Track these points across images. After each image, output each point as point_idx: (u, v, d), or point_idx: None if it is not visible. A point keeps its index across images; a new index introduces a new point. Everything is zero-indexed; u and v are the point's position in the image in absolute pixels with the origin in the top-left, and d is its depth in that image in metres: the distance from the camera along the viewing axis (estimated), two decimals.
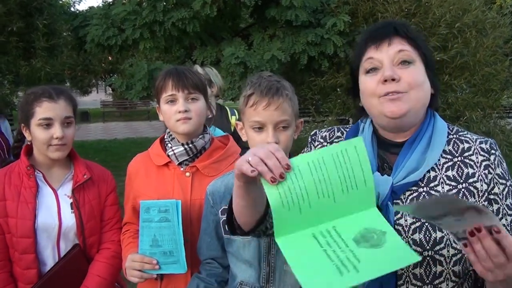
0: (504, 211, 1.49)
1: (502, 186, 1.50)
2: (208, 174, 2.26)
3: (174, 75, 2.21)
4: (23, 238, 2.24)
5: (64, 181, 2.39)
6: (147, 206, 2.14)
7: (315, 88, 9.35)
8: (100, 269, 2.36)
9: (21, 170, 2.31)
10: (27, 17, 10.09)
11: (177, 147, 2.26)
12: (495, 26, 8.90)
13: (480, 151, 1.53)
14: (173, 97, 2.20)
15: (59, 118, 2.27)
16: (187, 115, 2.19)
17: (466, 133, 1.62)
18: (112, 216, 2.48)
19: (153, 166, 2.34)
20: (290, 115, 1.90)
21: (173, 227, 2.09)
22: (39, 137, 2.26)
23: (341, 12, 8.53)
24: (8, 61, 9.82)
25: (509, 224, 1.48)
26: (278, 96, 1.85)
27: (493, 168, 1.51)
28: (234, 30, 10.04)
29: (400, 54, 1.53)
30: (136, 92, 8.81)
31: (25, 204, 2.25)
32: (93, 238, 2.39)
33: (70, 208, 2.34)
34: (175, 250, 2.10)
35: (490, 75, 8.71)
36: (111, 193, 2.51)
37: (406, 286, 1.47)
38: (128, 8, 8.59)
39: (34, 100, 2.28)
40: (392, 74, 1.49)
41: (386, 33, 1.56)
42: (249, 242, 1.97)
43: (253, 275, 1.96)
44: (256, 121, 1.88)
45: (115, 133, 21.14)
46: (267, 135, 1.87)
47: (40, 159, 2.35)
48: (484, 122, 8.86)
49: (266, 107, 1.84)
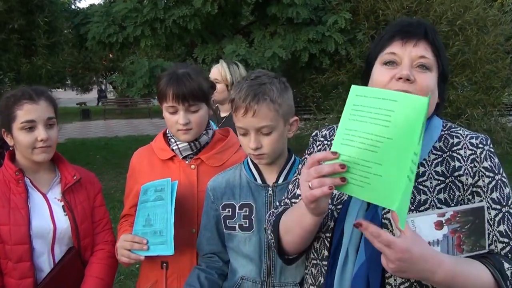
0: (488, 205, 1.48)
1: (488, 179, 1.50)
2: (213, 164, 2.28)
3: (174, 85, 2.18)
4: (17, 245, 2.14)
5: (52, 184, 2.31)
6: (146, 188, 2.16)
7: (316, 86, 9.36)
8: (97, 270, 2.33)
9: (7, 177, 2.21)
10: (28, 14, 10.11)
11: (181, 142, 2.28)
12: (496, 24, 8.90)
13: (469, 146, 1.54)
14: (174, 108, 2.20)
15: (42, 119, 2.19)
16: (188, 127, 2.21)
17: (459, 129, 1.63)
18: (102, 217, 2.44)
19: (157, 160, 2.34)
20: (273, 118, 1.87)
21: (166, 205, 2.07)
22: (23, 141, 2.17)
23: (342, 10, 8.55)
24: (9, 58, 9.85)
25: (492, 218, 1.48)
26: (255, 102, 1.83)
27: (478, 162, 1.51)
28: (235, 27, 10.06)
29: (422, 59, 1.54)
30: (137, 90, 8.83)
31: (17, 210, 2.16)
32: (87, 240, 2.34)
33: (63, 211, 2.28)
34: (164, 230, 2.06)
35: (491, 73, 8.72)
36: (98, 194, 2.46)
37: (393, 278, 1.48)
38: (129, 6, 8.60)
39: (14, 103, 2.18)
40: (409, 74, 1.50)
41: (416, 33, 1.57)
42: (250, 237, 1.98)
43: (254, 269, 1.96)
44: (239, 127, 1.91)
45: (116, 130, 21.13)
46: (249, 140, 1.89)
47: (25, 164, 2.26)
48: (485, 120, 8.86)
49: (244, 115, 1.85)
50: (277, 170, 2.03)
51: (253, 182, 2.03)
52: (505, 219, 1.48)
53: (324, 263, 1.64)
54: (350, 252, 1.54)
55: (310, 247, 1.72)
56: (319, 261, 1.67)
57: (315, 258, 1.69)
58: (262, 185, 2.02)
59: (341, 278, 1.54)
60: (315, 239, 1.68)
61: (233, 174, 2.10)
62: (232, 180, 2.08)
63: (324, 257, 1.64)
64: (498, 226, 1.47)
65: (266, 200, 2.00)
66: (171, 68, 2.30)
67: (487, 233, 1.44)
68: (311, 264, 1.72)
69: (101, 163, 12.11)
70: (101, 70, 33.04)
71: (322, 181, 1.30)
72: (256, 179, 2.03)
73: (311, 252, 1.72)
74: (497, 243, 1.47)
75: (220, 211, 2.06)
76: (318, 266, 1.67)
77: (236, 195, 2.04)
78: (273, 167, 2.03)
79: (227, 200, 2.05)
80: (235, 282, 2.03)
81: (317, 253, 1.68)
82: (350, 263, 1.53)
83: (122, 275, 2.36)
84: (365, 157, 1.26)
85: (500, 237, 1.47)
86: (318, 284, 1.67)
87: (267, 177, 2.03)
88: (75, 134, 19.15)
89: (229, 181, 2.08)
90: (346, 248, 1.54)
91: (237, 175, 2.09)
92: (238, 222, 2.01)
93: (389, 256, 1.27)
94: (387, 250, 1.26)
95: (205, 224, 2.11)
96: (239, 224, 2.01)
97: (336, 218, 1.60)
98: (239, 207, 2.02)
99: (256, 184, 2.03)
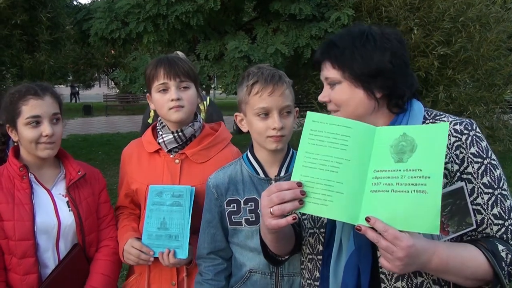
0: (480, 190, 1.50)
1: (477, 165, 1.51)
2: (197, 160, 2.29)
3: (165, 63, 2.23)
4: (22, 241, 2.14)
5: (57, 180, 2.31)
6: (160, 190, 2.19)
7: (318, 83, 9.35)
8: (103, 266, 2.33)
9: (11, 173, 2.21)
10: (31, 10, 10.11)
11: (166, 135, 2.29)
12: (499, 21, 8.89)
13: (453, 133, 1.55)
14: (165, 85, 2.21)
15: (47, 115, 2.19)
16: (180, 103, 2.21)
17: (444, 116, 1.64)
18: (107, 213, 2.44)
19: (145, 153, 2.37)
20: (292, 101, 1.98)
21: (184, 211, 2.15)
22: (28, 136, 2.16)
23: (345, 6, 8.54)
24: (12, 54, 9.85)
25: (485, 202, 1.49)
26: (282, 82, 1.93)
27: (464, 148, 1.52)
28: (238, 23, 10.06)
29: (327, 80, 1.67)
30: (139, 86, 8.84)
31: (21, 205, 2.16)
32: (91, 236, 2.34)
33: (67, 207, 2.27)
34: (180, 235, 2.15)
35: (494, 70, 8.72)
36: (103, 190, 2.47)
37: None
38: (131, 2, 8.59)
39: (20, 98, 2.18)
40: (325, 95, 1.68)
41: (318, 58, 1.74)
42: (257, 231, 1.98)
43: (263, 261, 1.97)
44: (262, 107, 1.92)
45: (118, 126, 21.18)
46: (273, 120, 1.92)
47: (29, 160, 2.26)
48: (487, 117, 8.86)
49: (271, 93, 1.90)
50: (278, 163, 2.05)
51: (255, 176, 2.05)
52: (498, 201, 1.50)
53: (319, 257, 1.68)
54: (344, 242, 1.57)
55: (305, 243, 1.76)
56: (314, 256, 1.71)
57: (311, 253, 1.73)
58: (265, 179, 2.03)
59: (335, 268, 1.58)
60: (309, 235, 1.73)
61: (234, 169, 2.11)
62: (234, 175, 2.09)
63: (319, 251, 1.68)
64: (492, 210, 1.49)
65: None
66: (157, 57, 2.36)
67: (471, 210, 1.47)
68: (307, 259, 1.76)
69: (103, 159, 12.15)
70: (103, 66, 33.04)
71: (283, 208, 1.39)
72: (258, 172, 2.05)
73: (306, 248, 1.76)
74: (492, 226, 1.49)
75: (225, 207, 2.07)
76: (313, 260, 1.71)
77: (240, 190, 2.05)
78: (274, 160, 2.05)
79: (232, 196, 2.06)
80: (242, 275, 2.05)
81: (312, 248, 1.72)
82: (344, 254, 1.57)
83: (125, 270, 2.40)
84: (327, 177, 1.40)
85: (495, 219, 1.49)
86: (313, 278, 1.71)
87: (268, 171, 2.05)
88: (77, 130, 19.19)
89: (231, 176, 2.09)
90: (339, 239, 1.58)
91: (238, 170, 2.10)
92: (244, 217, 2.02)
93: (396, 254, 1.28)
94: (394, 248, 1.28)
95: (209, 221, 2.11)
96: (245, 219, 2.02)
97: None
98: (244, 202, 2.03)
99: (259, 178, 2.04)
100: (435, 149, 1.32)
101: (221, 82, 8.82)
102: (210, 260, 2.11)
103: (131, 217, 2.43)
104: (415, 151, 1.34)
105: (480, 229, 1.49)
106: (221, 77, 8.98)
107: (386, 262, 1.32)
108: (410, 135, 1.37)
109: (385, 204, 1.33)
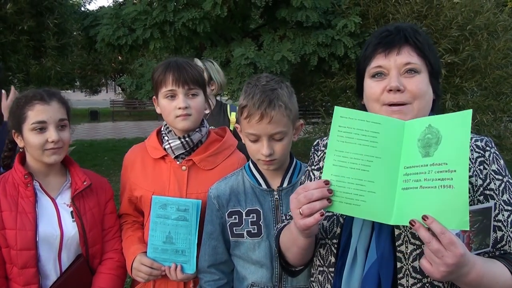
0: (501, 207, 1.49)
1: (498, 182, 1.51)
2: (204, 167, 2.23)
3: (174, 69, 2.17)
4: (23, 250, 2.09)
5: (62, 189, 2.26)
6: (164, 202, 2.13)
7: (325, 90, 9.33)
8: (106, 281, 2.27)
9: (16, 180, 2.17)
10: (38, 16, 10.18)
11: (173, 140, 2.23)
12: (506, 29, 8.83)
13: (475, 148, 1.54)
14: (173, 92, 2.16)
15: (53, 121, 2.15)
16: (187, 111, 2.16)
17: None
18: (112, 225, 2.38)
19: (149, 158, 2.30)
20: (286, 124, 1.87)
21: (190, 227, 2.10)
22: (33, 142, 2.13)
23: (352, 13, 8.51)
24: (19, 60, 9.91)
25: (505, 219, 1.48)
26: (271, 109, 1.82)
27: (488, 164, 1.52)
28: (244, 30, 10.04)
29: (408, 65, 1.54)
30: (146, 92, 8.84)
31: (24, 214, 2.12)
32: (95, 248, 2.28)
33: (71, 217, 2.22)
34: (187, 250, 2.10)
35: (501, 78, 8.65)
36: (109, 200, 2.41)
37: (406, 279, 1.47)
38: (138, 8, 8.61)
39: (26, 103, 2.15)
40: (398, 85, 1.51)
41: (397, 40, 1.57)
42: (259, 243, 1.95)
43: (266, 275, 1.94)
44: (250, 133, 1.88)
45: (124, 132, 21.19)
46: (261, 146, 1.87)
47: (35, 166, 2.22)
48: (495, 126, 8.79)
49: (259, 121, 1.83)
50: (280, 174, 2.01)
51: (257, 187, 2.01)
52: None
53: (330, 270, 1.62)
54: (359, 253, 1.53)
55: (315, 254, 1.72)
56: (325, 268, 1.66)
57: (321, 265, 1.68)
58: (267, 190, 1.99)
59: (348, 279, 1.53)
60: (321, 246, 1.68)
61: (236, 180, 2.07)
62: (236, 186, 2.05)
63: (331, 263, 1.62)
64: (511, 227, 1.48)
65: (273, 204, 1.98)
66: (166, 60, 2.28)
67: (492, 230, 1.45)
68: (317, 271, 1.71)
69: (109, 164, 12.12)
70: (110, 72, 33.11)
71: (312, 207, 1.37)
72: (260, 184, 2.01)
73: (317, 259, 1.71)
74: (511, 243, 1.48)
75: (226, 218, 2.02)
76: (325, 273, 1.66)
77: (242, 201, 2.01)
78: (276, 171, 2.01)
79: (233, 207, 2.02)
80: None
81: (324, 259, 1.67)
82: (359, 264, 1.52)
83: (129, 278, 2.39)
84: (358, 176, 1.38)
85: None
86: None
87: (271, 182, 2.01)
88: (83, 135, 19.21)
89: (232, 187, 2.05)
90: (354, 249, 1.54)
91: (240, 181, 2.06)
92: (246, 229, 1.98)
93: (445, 259, 1.24)
94: (445, 252, 1.24)
95: (210, 233, 2.07)
96: (247, 231, 1.98)
97: (342, 223, 1.60)
98: (246, 214, 1.99)
99: (261, 189, 2.00)
100: (459, 139, 1.30)
101: (227, 89, 8.80)
102: (210, 275, 2.07)
103: (135, 225, 2.37)
104: (440, 143, 1.32)
105: (499, 246, 1.47)
106: (227, 84, 8.96)
107: (429, 265, 1.29)
108: (435, 126, 1.35)
109: (415, 201, 1.31)
